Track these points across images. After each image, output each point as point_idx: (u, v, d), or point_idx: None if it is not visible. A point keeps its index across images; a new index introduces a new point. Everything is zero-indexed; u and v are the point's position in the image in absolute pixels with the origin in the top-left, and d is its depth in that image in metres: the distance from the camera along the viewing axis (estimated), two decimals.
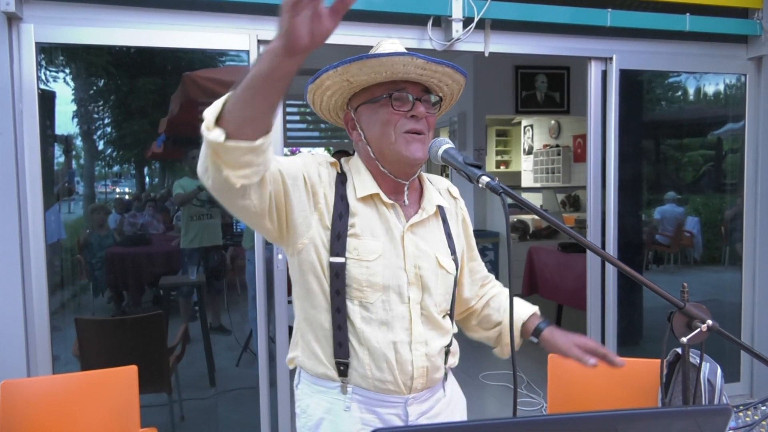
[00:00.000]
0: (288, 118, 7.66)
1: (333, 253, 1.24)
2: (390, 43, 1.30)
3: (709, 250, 4.71)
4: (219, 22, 2.71)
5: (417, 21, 2.94)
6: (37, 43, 2.52)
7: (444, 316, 1.36)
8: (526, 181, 9.55)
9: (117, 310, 4.72)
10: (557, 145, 8.90)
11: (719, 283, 4.36)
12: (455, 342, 1.42)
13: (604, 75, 3.35)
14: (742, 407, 1.50)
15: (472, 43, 3.03)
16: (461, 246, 1.44)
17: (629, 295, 3.64)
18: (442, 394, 1.38)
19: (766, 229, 3.68)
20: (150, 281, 4.65)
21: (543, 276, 5.35)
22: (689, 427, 0.79)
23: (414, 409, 1.30)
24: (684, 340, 1.08)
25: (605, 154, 3.37)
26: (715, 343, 1.19)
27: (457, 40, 2.93)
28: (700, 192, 4.53)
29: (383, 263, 1.25)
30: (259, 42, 2.76)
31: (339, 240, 1.24)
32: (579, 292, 3.87)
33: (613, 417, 0.78)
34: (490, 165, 9.66)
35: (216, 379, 3.94)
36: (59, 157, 3.73)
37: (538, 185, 9.05)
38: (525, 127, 9.63)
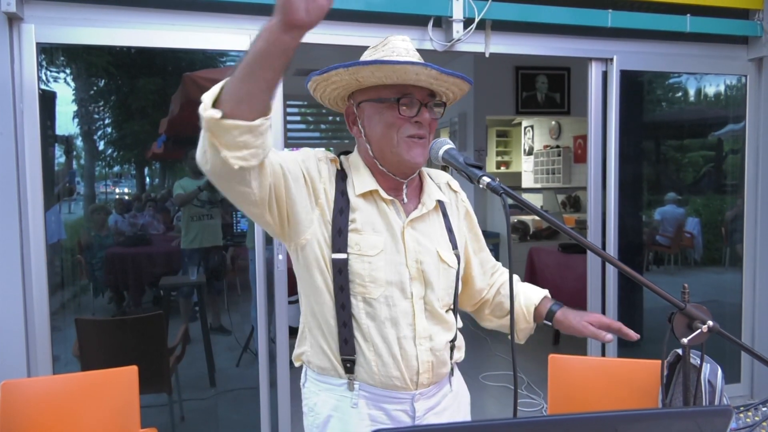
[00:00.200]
0: (288, 118, 7.66)
1: (335, 249, 1.24)
2: (401, 40, 1.29)
3: (710, 251, 4.71)
4: (219, 23, 2.71)
5: (418, 21, 2.94)
6: (37, 44, 2.53)
7: (447, 311, 1.35)
8: (527, 181, 9.55)
9: (117, 310, 4.72)
10: (558, 146, 8.90)
11: (719, 284, 4.36)
12: (460, 336, 1.42)
13: (605, 76, 3.35)
14: (742, 408, 1.50)
15: (473, 43, 3.03)
16: (463, 240, 1.44)
17: (629, 295, 3.64)
18: (448, 389, 1.38)
19: (766, 230, 3.67)
20: (150, 281, 4.66)
21: (543, 277, 5.34)
22: (690, 428, 0.79)
23: (421, 405, 1.30)
24: (684, 340, 1.08)
25: (606, 155, 3.37)
26: (716, 344, 1.19)
27: (458, 40, 2.93)
28: (701, 193, 4.53)
29: (385, 258, 1.25)
30: None
31: (340, 236, 1.24)
32: (579, 292, 3.86)
33: (613, 418, 0.78)
34: (491, 166, 9.66)
35: (216, 380, 3.94)
36: (60, 157, 3.73)
37: (539, 186, 9.05)
38: (525, 127, 9.63)
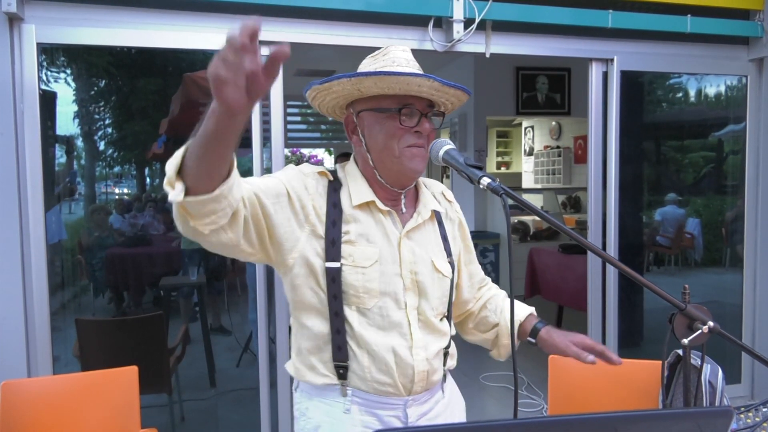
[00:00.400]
0: (289, 119, 7.67)
1: (328, 258, 1.24)
2: (401, 50, 1.30)
3: (710, 251, 4.71)
4: (220, 23, 2.71)
5: (418, 22, 2.94)
6: (38, 44, 2.53)
7: (441, 319, 1.36)
8: (527, 182, 9.56)
9: (117, 310, 4.72)
10: (558, 147, 8.91)
11: (720, 284, 4.36)
12: (453, 344, 1.43)
13: (605, 76, 3.35)
14: (743, 409, 1.50)
15: (473, 44, 3.03)
16: (457, 249, 1.45)
17: (630, 296, 3.63)
18: (441, 395, 1.38)
19: (766, 231, 3.67)
20: (150, 282, 4.66)
21: (544, 277, 5.35)
22: (690, 429, 0.79)
23: (413, 411, 1.30)
24: (685, 341, 1.08)
25: (606, 156, 3.37)
26: (716, 344, 1.19)
27: (458, 41, 2.93)
28: (701, 193, 4.53)
29: (379, 269, 1.25)
30: (260, 42, 2.76)
31: (334, 246, 1.24)
32: (580, 293, 3.86)
33: (613, 418, 0.78)
34: (491, 166, 9.67)
35: (216, 380, 3.94)
36: (60, 157, 3.73)
37: (539, 186, 9.05)
38: (526, 128, 9.63)
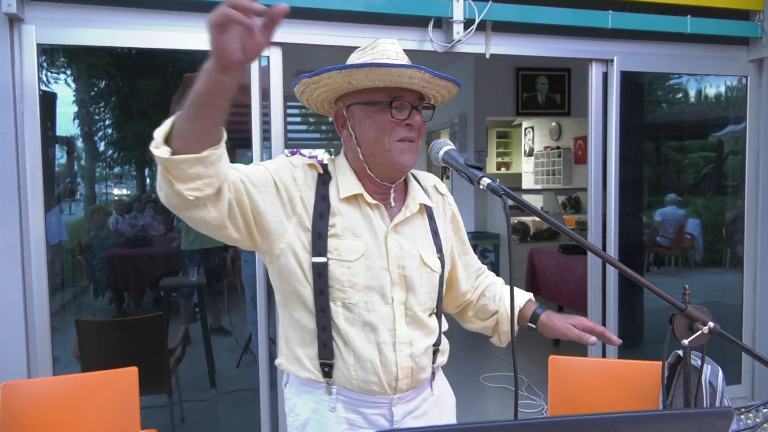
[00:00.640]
0: (289, 119, 7.67)
1: (315, 253, 1.24)
2: (390, 43, 1.29)
3: (710, 252, 4.71)
4: None
5: (418, 23, 2.94)
6: (38, 45, 2.53)
7: (430, 315, 1.35)
8: (527, 182, 9.56)
9: (117, 311, 4.72)
10: (558, 147, 8.91)
11: (720, 285, 4.36)
12: (445, 340, 1.42)
13: (605, 77, 3.35)
14: (743, 409, 1.50)
15: (473, 44, 3.03)
16: (449, 243, 1.44)
17: (630, 297, 3.63)
18: (429, 393, 1.38)
19: (766, 232, 3.67)
20: (150, 283, 4.65)
21: (544, 278, 5.34)
22: (691, 430, 0.79)
23: (399, 409, 1.30)
24: (685, 342, 1.08)
25: (606, 156, 3.37)
26: (717, 345, 1.19)
27: (458, 41, 2.93)
28: (701, 194, 4.53)
29: (365, 263, 1.25)
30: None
31: (320, 239, 1.24)
32: (580, 293, 3.86)
33: (614, 419, 0.78)
34: (491, 167, 9.67)
35: (216, 381, 3.94)
36: (60, 158, 3.73)
37: (539, 187, 9.06)
38: (526, 128, 9.64)
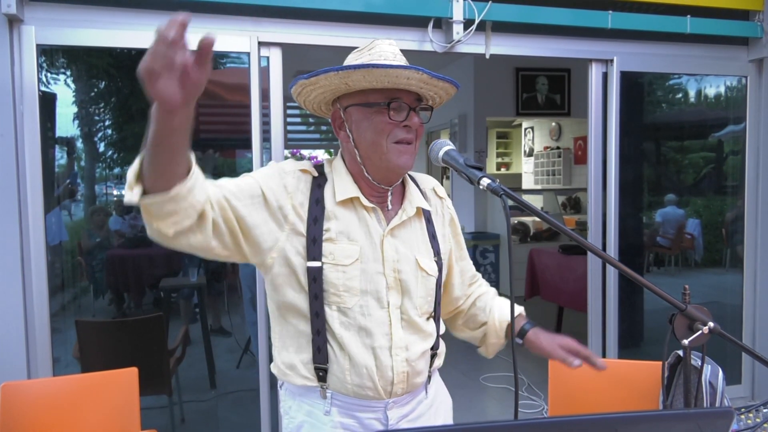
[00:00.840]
0: (289, 120, 7.67)
1: (310, 257, 1.23)
2: (388, 44, 1.28)
3: (710, 252, 4.70)
4: (220, 24, 2.72)
5: (418, 23, 2.94)
6: (38, 45, 2.53)
7: (428, 318, 1.34)
8: (527, 183, 9.57)
9: (117, 312, 4.71)
10: (558, 147, 8.91)
11: (720, 285, 4.35)
12: (442, 344, 1.41)
13: (605, 77, 3.35)
14: (743, 410, 1.50)
15: (473, 45, 3.03)
16: (447, 247, 1.42)
17: (630, 297, 3.63)
18: (423, 396, 1.37)
19: (766, 231, 3.67)
20: (150, 283, 4.65)
21: (544, 278, 5.34)
22: (691, 430, 0.79)
23: (394, 413, 1.30)
24: (685, 342, 1.08)
25: (606, 156, 3.37)
26: (717, 345, 1.19)
27: (458, 42, 2.93)
28: (701, 194, 4.52)
29: (360, 267, 1.24)
30: (260, 44, 2.77)
31: (315, 244, 1.23)
32: (580, 294, 3.86)
33: (614, 419, 0.78)
34: (491, 167, 9.68)
35: (216, 381, 3.93)
36: (60, 159, 3.73)
37: (539, 187, 9.06)
38: (526, 129, 9.64)
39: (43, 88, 2.61)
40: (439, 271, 1.35)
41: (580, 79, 5.62)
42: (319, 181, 1.29)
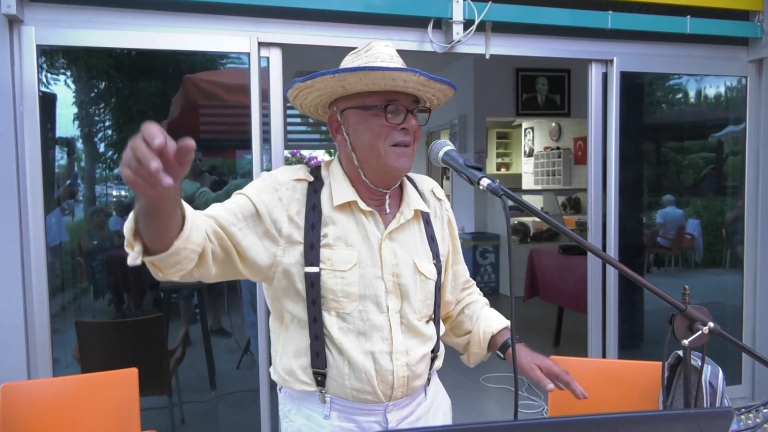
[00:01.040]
0: (289, 120, 7.67)
1: (307, 263, 1.22)
2: (384, 45, 1.27)
3: (710, 252, 4.70)
4: (220, 25, 2.72)
5: (417, 23, 2.94)
6: (38, 46, 2.53)
7: (428, 321, 1.34)
8: (527, 183, 9.57)
9: (117, 312, 4.71)
10: (558, 148, 8.91)
11: (720, 285, 4.35)
12: (442, 346, 1.41)
13: (605, 77, 3.35)
14: (743, 410, 1.50)
15: (473, 45, 3.03)
16: (446, 249, 1.41)
17: (630, 297, 3.63)
18: (423, 398, 1.37)
19: (766, 232, 3.67)
20: (150, 284, 4.65)
21: (544, 279, 5.34)
22: (691, 430, 0.79)
23: (393, 416, 1.29)
24: (685, 342, 1.08)
25: (606, 157, 3.37)
26: (717, 345, 1.19)
27: (458, 42, 2.93)
28: (701, 195, 4.52)
29: (359, 273, 1.23)
30: (260, 44, 2.77)
31: (312, 250, 1.23)
32: (580, 294, 3.86)
33: (614, 420, 0.78)
34: (491, 167, 9.68)
35: (216, 382, 3.93)
36: (60, 159, 3.74)
37: (539, 187, 9.06)
38: (525, 129, 9.64)
39: (43, 89, 2.61)
40: (438, 273, 1.35)
41: (580, 80, 5.62)
42: (315, 186, 1.28)
